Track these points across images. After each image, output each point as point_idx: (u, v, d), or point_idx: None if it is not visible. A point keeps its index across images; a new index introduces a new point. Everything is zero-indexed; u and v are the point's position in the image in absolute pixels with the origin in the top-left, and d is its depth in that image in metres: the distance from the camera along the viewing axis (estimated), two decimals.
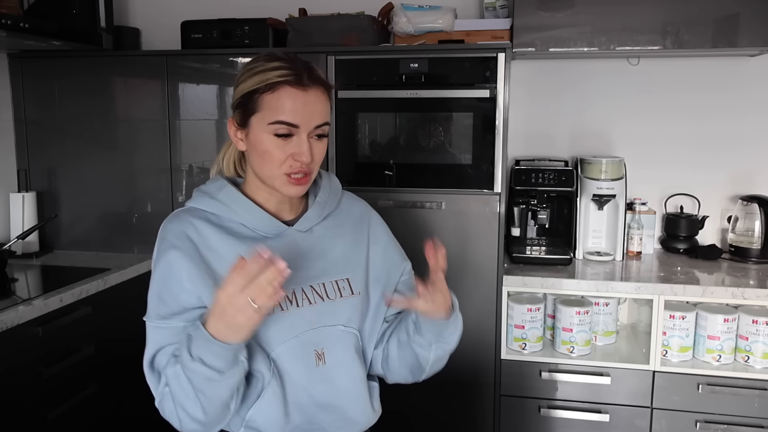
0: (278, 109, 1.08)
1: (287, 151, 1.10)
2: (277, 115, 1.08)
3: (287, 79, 1.09)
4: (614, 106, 2.53)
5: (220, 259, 1.11)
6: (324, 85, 1.13)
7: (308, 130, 1.10)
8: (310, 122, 1.10)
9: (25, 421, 1.75)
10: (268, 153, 1.10)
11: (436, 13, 2.18)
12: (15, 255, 2.29)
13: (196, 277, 1.09)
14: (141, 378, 1.10)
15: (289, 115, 1.08)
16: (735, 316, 2.06)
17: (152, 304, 1.10)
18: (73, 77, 2.38)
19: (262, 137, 1.10)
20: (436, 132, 2.13)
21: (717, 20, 2.11)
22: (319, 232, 1.21)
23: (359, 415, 1.21)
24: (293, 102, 1.08)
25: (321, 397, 1.15)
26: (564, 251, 2.31)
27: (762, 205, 2.34)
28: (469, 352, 2.14)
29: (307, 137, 1.10)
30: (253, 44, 2.29)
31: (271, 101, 1.09)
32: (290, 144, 1.10)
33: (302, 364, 1.13)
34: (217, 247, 1.12)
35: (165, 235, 1.14)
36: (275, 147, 1.10)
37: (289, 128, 1.09)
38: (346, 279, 1.20)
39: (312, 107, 1.10)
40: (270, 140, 1.10)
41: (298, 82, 1.09)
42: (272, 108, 1.09)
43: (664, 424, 2.08)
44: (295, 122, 1.09)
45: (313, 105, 1.10)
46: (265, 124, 1.10)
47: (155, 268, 1.12)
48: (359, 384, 1.20)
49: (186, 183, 2.35)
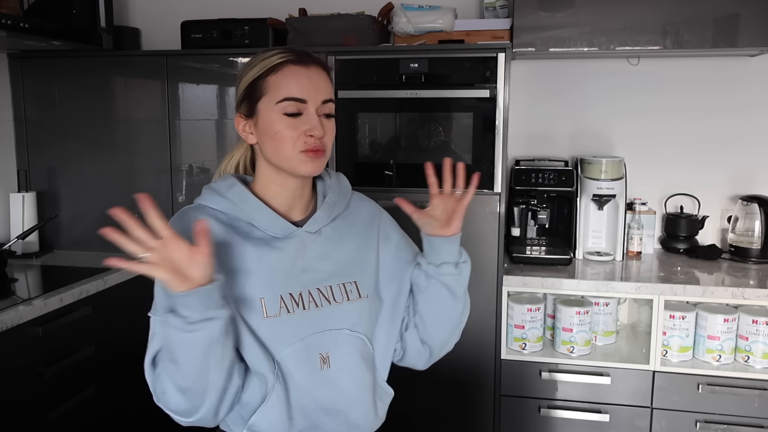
0: (284, 87, 1.10)
1: (299, 129, 1.11)
2: (284, 92, 1.10)
3: (289, 58, 1.11)
4: (614, 106, 2.53)
5: (227, 256, 1.11)
6: (323, 66, 1.16)
7: (316, 105, 1.12)
8: (316, 96, 1.12)
9: (25, 421, 1.75)
10: (280, 134, 1.11)
11: (436, 13, 2.18)
12: (15, 255, 2.29)
13: None
14: (141, 377, 1.09)
15: (296, 91, 1.10)
16: (735, 316, 2.06)
17: (159, 297, 1.09)
18: (73, 77, 2.39)
19: (272, 118, 1.11)
20: (436, 132, 2.13)
21: (717, 20, 2.11)
22: (328, 233, 1.20)
23: (362, 419, 1.20)
24: (297, 78, 1.11)
25: (324, 401, 1.15)
26: (564, 251, 2.31)
27: (762, 205, 2.34)
28: (469, 352, 2.14)
29: (315, 113, 1.12)
30: (253, 44, 2.29)
31: (276, 81, 1.11)
32: (300, 121, 1.11)
33: (307, 368, 1.13)
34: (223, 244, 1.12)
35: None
36: (286, 126, 1.11)
37: (297, 104, 1.10)
38: (353, 282, 1.19)
39: (316, 82, 1.12)
40: (280, 120, 1.11)
41: (299, 60, 1.12)
42: (278, 87, 1.10)
43: (664, 424, 2.08)
44: (303, 97, 1.10)
45: (317, 80, 1.12)
46: (273, 105, 1.11)
47: None
48: (364, 389, 1.19)
49: (186, 183, 2.35)
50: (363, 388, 1.19)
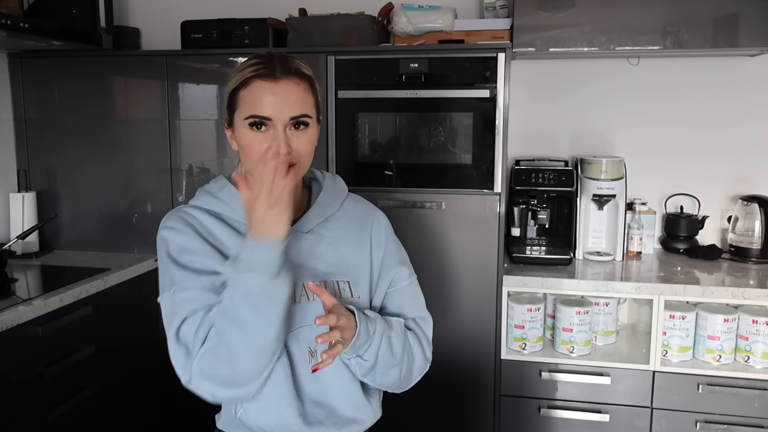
0: (250, 104, 1.10)
1: (264, 144, 1.10)
2: (249, 109, 1.10)
3: (257, 73, 1.10)
4: (614, 106, 2.53)
5: (221, 244, 1.14)
6: (300, 75, 1.12)
7: (283, 122, 1.10)
8: (282, 113, 1.10)
9: (25, 421, 1.75)
10: (248, 147, 1.12)
11: (436, 13, 2.18)
12: (15, 255, 2.29)
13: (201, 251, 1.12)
14: (141, 377, 1.09)
15: (259, 108, 1.09)
16: (735, 316, 2.06)
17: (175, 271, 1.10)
18: (73, 77, 2.38)
19: (242, 132, 1.12)
20: (436, 132, 2.13)
21: (717, 20, 2.11)
22: (321, 233, 1.21)
23: (354, 413, 1.20)
24: (262, 95, 1.10)
25: (313, 394, 1.17)
26: (564, 251, 2.31)
27: (762, 205, 2.34)
28: (469, 352, 2.14)
29: (283, 129, 1.10)
30: (253, 44, 2.29)
31: (244, 97, 1.11)
32: (266, 136, 1.10)
33: (297, 360, 1.15)
34: (217, 234, 1.15)
35: (165, 223, 1.16)
36: (253, 140, 1.11)
37: (261, 120, 1.10)
38: (346, 281, 1.20)
39: (283, 98, 1.10)
40: (248, 134, 1.11)
41: (268, 74, 1.10)
42: (245, 103, 1.11)
43: (664, 424, 2.08)
44: (266, 114, 1.09)
45: (284, 96, 1.10)
46: (242, 120, 1.11)
47: (161, 251, 1.14)
48: (350, 385, 1.20)
49: (186, 183, 2.35)
50: (350, 385, 1.20)
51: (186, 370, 1.05)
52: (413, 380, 1.28)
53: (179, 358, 1.06)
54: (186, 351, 1.06)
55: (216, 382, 1.04)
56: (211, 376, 1.04)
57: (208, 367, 1.04)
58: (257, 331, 1.02)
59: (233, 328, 1.01)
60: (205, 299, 1.07)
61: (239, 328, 1.01)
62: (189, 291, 1.08)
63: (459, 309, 2.14)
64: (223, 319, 1.02)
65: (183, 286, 1.09)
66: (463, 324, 2.14)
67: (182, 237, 1.13)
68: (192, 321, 1.06)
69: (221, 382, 1.04)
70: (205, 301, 1.07)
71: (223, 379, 1.04)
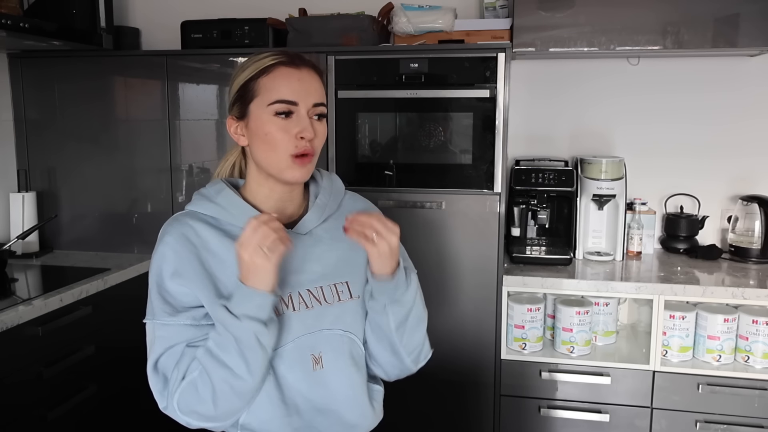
0: (275, 89, 1.11)
1: (289, 131, 1.11)
2: (275, 95, 1.11)
3: (281, 60, 1.12)
4: (614, 106, 2.53)
5: (220, 262, 1.12)
6: (316, 68, 1.17)
7: (307, 108, 1.12)
8: (307, 99, 1.12)
9: (25, 421, 1.75)
10: (270, 135, 1.11)
11: (436, 13, 2.18)
12: (15, 255, 2.29)
13: (193, 278, 1.10)
14: (141, 377, 1.09)
15: (287, 93, 1.11)
16: (735, 316, 2.06)
17: (157, 302, 1.10)
18: (73, 77, 2.39)
19: (263, 120, 1.12)
20: (436, 132, 2.13)
21: (717, 20, 2.11)
22: (319, 234, 1.20)
23: (358, 418, 1.20)
24: (288, 80, 1.11)
25: (318, 401, 1.15)
26: (564, 251, 2.31)
27: (762, 205, 2.34)
28: (469, 352, 2.14)
29: (306, 115, 1.12)
30: (253, 44, 2.29)
31: (267, 83, 1.11)
32: (291, 122, 1.11)
33: (299, 368, 1.13)
34: (216, 250, 1.12)
35: (163, 237, 1.14)
36: (277, 128, 1.11)
37: (288, 106, 1.11)
38: (345, 282, 1.19)
39: (307, 84, 1.13)
40: (271, 122, 1.11)
41: (291, 62, 1.13)
42: (269, 89, 1.11)
43: (664, 424, 2.08)
44: (293, 99, 1.11)
45: (308, 83, 1.13)
46: (264, 107, 1.11)
47: (152, 270, 1.13)
48: (357, 388, 1.19)
49: (186, 183, 2.35)
50: (356, 388, 1.19)
51: (163, 397, 1.07)
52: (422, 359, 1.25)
53: (157, 386, 1.08)
54: (164, 380, 1.08)
55: (194, 417, 1.06)
56: (191, 412, 1.06)
57: (188, 404, 1.05)
58: (245, 374, 1.04)
59: (220, 370, 1.03)
60: (184, 334, 1.08)
61: (226, 370, 1.03)
62: (169, 328, 1.09)
63: (459, 309, 2.14)
64: (210, 361, 1.04)
65: (163, 323, 1.09)
66: (463, 324, 2.14)
67: (177, 259, 1.11)
68: (171, 354, 1.08)
69: (200, 417, 1.06)
70: (184, 336, 1.08)
71: (202, 416, 1.06)
